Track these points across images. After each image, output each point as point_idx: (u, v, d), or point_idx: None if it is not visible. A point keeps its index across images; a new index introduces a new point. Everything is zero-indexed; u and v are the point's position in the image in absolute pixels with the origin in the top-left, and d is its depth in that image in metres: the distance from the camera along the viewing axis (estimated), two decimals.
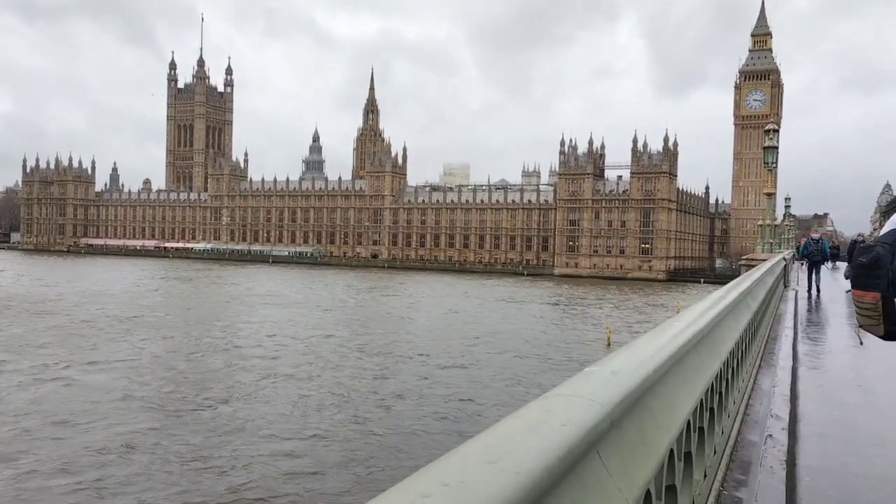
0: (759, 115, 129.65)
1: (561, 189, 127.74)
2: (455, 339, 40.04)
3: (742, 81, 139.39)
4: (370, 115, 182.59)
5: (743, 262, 23.62)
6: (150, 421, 21.93)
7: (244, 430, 21.14)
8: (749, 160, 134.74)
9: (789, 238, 52.17)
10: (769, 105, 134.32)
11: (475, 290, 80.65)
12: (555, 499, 1.22)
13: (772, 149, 23.55)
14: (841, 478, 4.34)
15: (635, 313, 59.63)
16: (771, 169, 24.51)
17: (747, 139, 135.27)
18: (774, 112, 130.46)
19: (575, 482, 1.34)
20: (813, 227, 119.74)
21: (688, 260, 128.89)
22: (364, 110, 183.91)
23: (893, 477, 4.41)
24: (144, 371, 29.27)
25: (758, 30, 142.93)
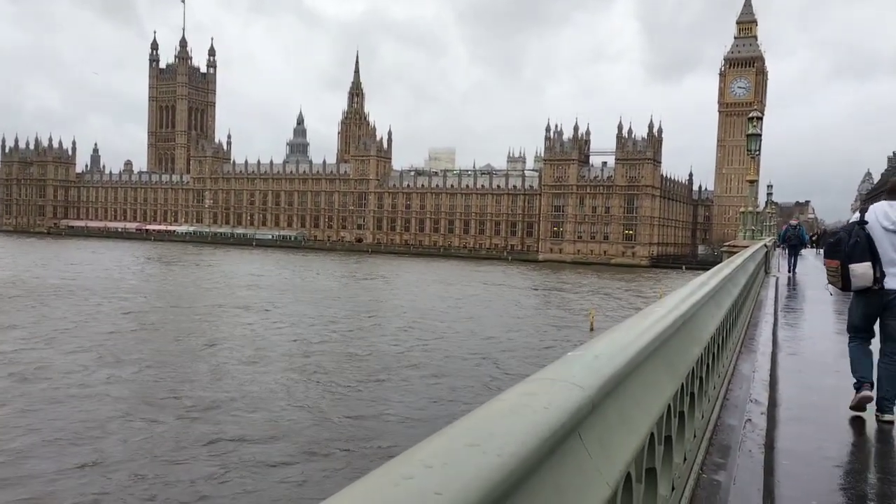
0: (743, 103, 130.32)
1: (546, 175, 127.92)
2: (440, 323, 40.15)
3: (727, 68, 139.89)
4: (355, 98, 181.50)
5: (725, 249, 23.81)
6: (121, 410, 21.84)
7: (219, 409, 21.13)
8: (733, 147, 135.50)
9: (771, 225, 52.63)
10: (753, 92, 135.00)
11: (460, 274, 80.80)
12: (537, 480, 1.24)
13: (755, 136, 23.66)
14: (818, 462, 4.42)
15: (618, 299, 60.06)
16: (754, 156, 24.64)
17: (731, 126, 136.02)
18: (758, 99, 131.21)
19: (556, 464, 1.35)
20: (795, 215, 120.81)
21: (671, 246, 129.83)
22: (349, 93, 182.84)
23: (865, 461, 4.49)
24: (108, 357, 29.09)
25: (743, 17, 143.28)
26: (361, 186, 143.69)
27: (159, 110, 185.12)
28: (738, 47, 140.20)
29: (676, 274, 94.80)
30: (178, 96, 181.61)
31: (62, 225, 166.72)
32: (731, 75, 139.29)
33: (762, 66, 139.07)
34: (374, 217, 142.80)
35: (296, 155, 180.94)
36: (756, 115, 23.98)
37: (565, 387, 1.60)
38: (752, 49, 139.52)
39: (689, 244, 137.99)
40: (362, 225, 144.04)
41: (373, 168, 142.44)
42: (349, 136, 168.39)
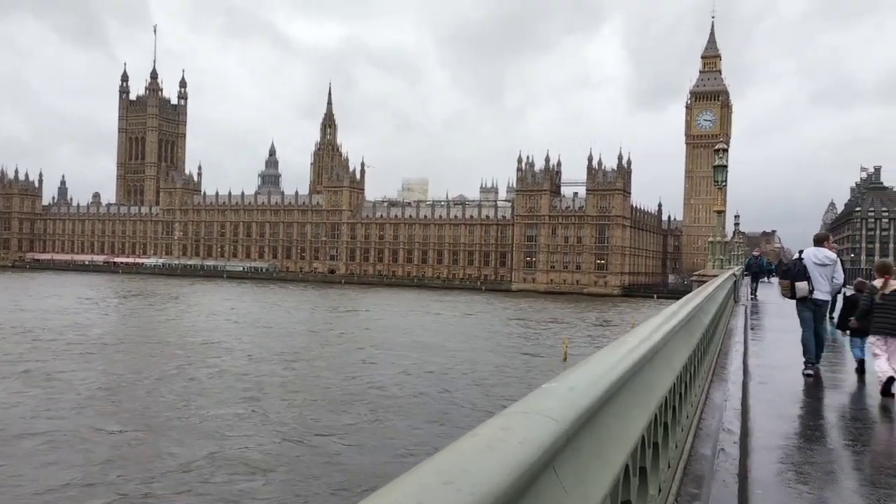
0: (709, 135, 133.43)
1: (518, 205, 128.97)
2: (411, 354, 39.87)
3: (693, 102, 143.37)
4: (328, 129, 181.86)
5: (694, 278, 24.14)
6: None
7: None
8: (700, 178, 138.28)
9: (739, 255, 53.49)
10: (719, 125, 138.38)
11: (433, 305, 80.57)
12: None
13: (721, 167, 24.16)
14: (791, 490, 4.43)
15: (591, 328, 60.31)
16: (721, 187, 25.15)
17: (698, 158, 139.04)
18: (724, 131, 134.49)
19: (531, 500, 1.33)
20: (761, 245, 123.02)
21: (642, 275, 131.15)
22: (322, 125, 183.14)
23: (837, 490, 4.51)
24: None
25: (707, 52, 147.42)
26: (334, 217, 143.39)
27: (129, 142, 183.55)
28: (704, 81, 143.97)
29: (648, 303, 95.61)
30: (148, 128, 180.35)
31: (27, 258, 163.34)
32: (696, 108, 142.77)
33: (727, 100, 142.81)
34: (346, 248, 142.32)
35: (268, 186, 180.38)
36: (722, 146, 24.51)
37: (540, 420, 1.58)
38: (716, 83, 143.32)
39: (660, 273, 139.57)
40: (335, 256, 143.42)
41: (345, 199, 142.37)
42: (321, 166, 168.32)
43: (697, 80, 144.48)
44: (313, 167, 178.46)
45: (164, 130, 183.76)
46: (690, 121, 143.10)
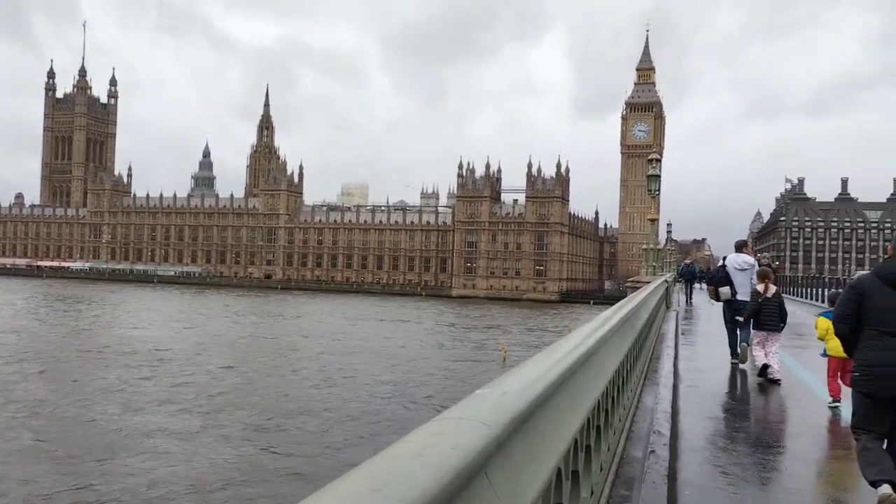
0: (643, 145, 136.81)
1: (459, 211, 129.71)
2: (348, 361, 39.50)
3: (628, 112, 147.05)
4: (265, 131, 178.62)
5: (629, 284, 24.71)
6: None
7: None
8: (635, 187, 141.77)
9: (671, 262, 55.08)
10: (653, 135, 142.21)
11: (372, 310, 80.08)
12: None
13: (654, 177, 24.86)
14: (717, 490, 4.58)
15: (530, 333, 61.04)
16: (654, 196, 25.88)
17: (633, 167, 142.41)
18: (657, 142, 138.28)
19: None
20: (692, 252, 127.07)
21: (579, 282, 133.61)
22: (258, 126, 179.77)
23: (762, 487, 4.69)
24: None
25: (642, 64, 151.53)
26: (271, 221, 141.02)
27: (55, 141, 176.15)
28: (639, 93, 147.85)
29: (585, 308, 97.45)
30: (75, 127, 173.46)
31: None
32: (632, 119, 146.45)
33: (660, 111, 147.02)
34: (284, 253, 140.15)
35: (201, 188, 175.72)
36: (655, 157, 25.23)
37: (473, 426, 1.58)
38: (650, 95, 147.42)
39: (597, 279, 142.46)
40: (272, 261, 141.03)
41: (283, 202, 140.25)
42: (258, 169, 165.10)
43: (633, 92, 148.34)
44: (249, 170, 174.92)
45: (93, 130, 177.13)
46: (626, 131, 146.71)
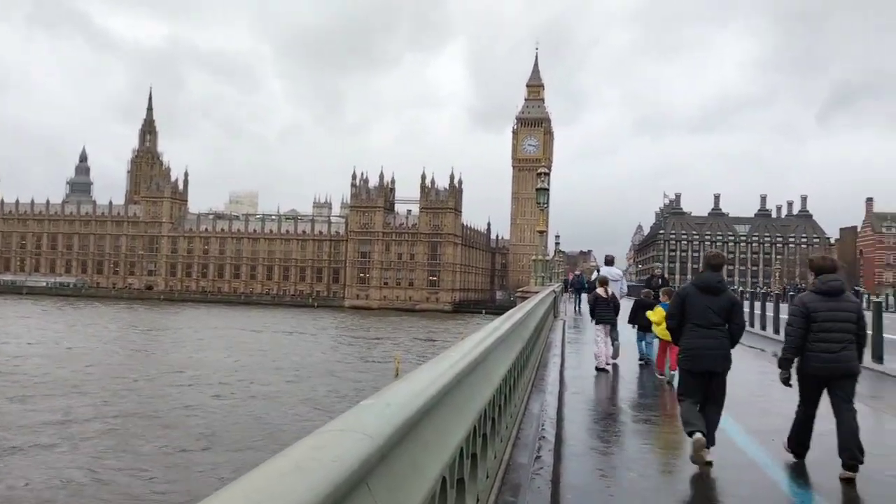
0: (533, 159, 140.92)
1: (352, 221, 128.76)
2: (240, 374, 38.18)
3: (519, 127, 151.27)
4: (148, 135, 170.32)
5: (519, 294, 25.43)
6: None
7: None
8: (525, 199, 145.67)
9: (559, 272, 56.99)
10: (542, 150, 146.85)
11: (260, 322, 77.84)
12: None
13: (543, 190, 25.67)
14: (597, 493, 4.77)
15: (423, 344, 61.27)
16: (543, 209, 26.73)
17: (523, 180, 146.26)
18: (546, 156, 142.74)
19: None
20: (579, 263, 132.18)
21: (472, 292, 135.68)
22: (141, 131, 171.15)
23: (641, 489, 4.93)
24: None
25: (532, 81, 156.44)
26: (153, 229, 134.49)
27: None
28: (528, 108, 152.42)
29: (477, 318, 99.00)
30: None
31: None
32: (522, 133, 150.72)
33: (549, 127, 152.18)
34: (166, 262, 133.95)
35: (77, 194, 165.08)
36: (544, 170, 26.07)
37: (354, 437, 1.58)
38: (540, 110, 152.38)
39: (489, 290, 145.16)
40: (153, 271, 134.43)
41: (166, 210, 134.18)
42: (140, 175, 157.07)
43: (523, 107, 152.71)
44: (131, 176, 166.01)
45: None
46: (517, 145, 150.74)
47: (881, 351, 11.69)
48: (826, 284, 5.58)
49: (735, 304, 5.93)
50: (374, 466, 1.58)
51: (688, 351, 5.72)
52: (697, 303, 5.75)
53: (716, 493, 5.00)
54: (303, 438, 1.55)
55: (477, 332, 4.69)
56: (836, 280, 5.64)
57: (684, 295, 5.92)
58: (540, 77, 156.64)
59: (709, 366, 5.63)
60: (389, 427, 1.76)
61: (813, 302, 5.55)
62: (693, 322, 5.71)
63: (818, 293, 5.59)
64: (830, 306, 5.50)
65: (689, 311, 5.75)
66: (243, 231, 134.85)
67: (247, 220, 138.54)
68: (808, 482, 5.21)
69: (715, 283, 5.84)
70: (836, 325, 5.45)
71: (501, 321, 5.94)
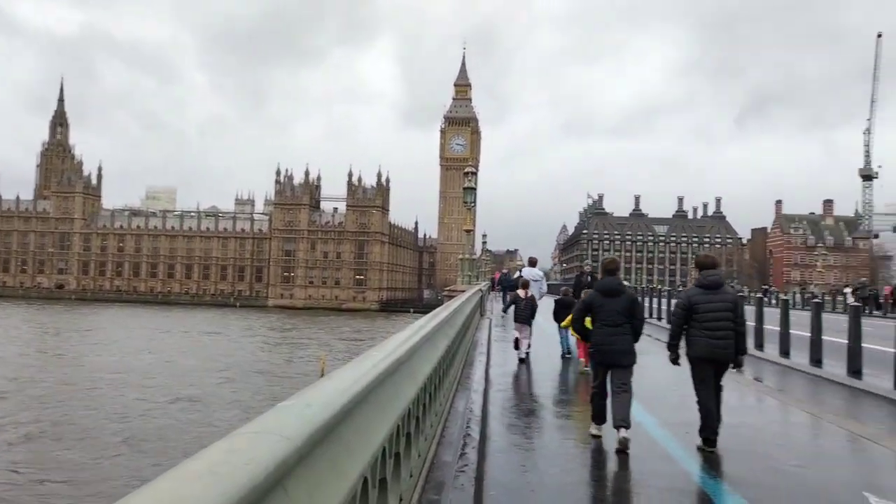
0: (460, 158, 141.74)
1: (276, 219, 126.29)
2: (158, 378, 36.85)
3: (447, 126, 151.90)
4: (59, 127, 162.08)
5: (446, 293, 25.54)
6: None
7: None
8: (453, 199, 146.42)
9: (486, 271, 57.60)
10: (469, 149, 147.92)
11: (178, 323, 75.42)
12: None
13: (470, 190, 25.92)
14: (520, 489, 4.83)
15: (349, 343, 60.73)
16: (470, 208, 26.96)
17: (451, 180, 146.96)
18: (474, 156, 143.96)
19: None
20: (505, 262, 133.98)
21: (399, 291, 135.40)
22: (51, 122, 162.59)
23: (562, 484, 5.02)
24: None
25: (459, 80, 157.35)
26: (64, 226, 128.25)
27: None
28: (456, 108, 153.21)
29: (404, 317, 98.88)
30: None
31: None
32: (450, 132, 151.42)
33: (476, 127, 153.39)
34: (78, 261, 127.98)
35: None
36: (471, 170, 26.34)
37: (272, 439, 1.54)
38: (467, 110, 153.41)
39: (416, 289, 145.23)
40: (64, 269, 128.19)
41: (78, 206, 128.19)
42: (51, 169, 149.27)
43: (451, 106, 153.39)
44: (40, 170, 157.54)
45: None
46: (445, 144, 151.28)
47: (762, 340, 13.81)
48: (707, 279, 6.29)
49: (634, 302, 6.58)
50: (292, 468, 1.54)
51: (597, 347, 6.43)
52: (602, 305, 6.42)
53: (632, 484, 5.14)
54: (216, 442, 1.49)
55: (402, 330, 4.67)
56: (715, 275, 6.36)
57: (589, 300, 6.66)
58: (467, 77, 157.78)
59: (616, 360, 6.31)
60: (309, 428, 1.72)
61: (696, 295, 6.26)
62: (601, 322, 6.40)
63: (700, 287, 6.31)
64: (710, 298, 6.19)
65: (596, 313, 6.46)
66: (161, 228, 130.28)
67: (164, 217, 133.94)
68: (718, 472, 5.43)
69: (615, 287, 6.52)
70: (715, 314, 6.12)
71: (427, 320, 5.94)
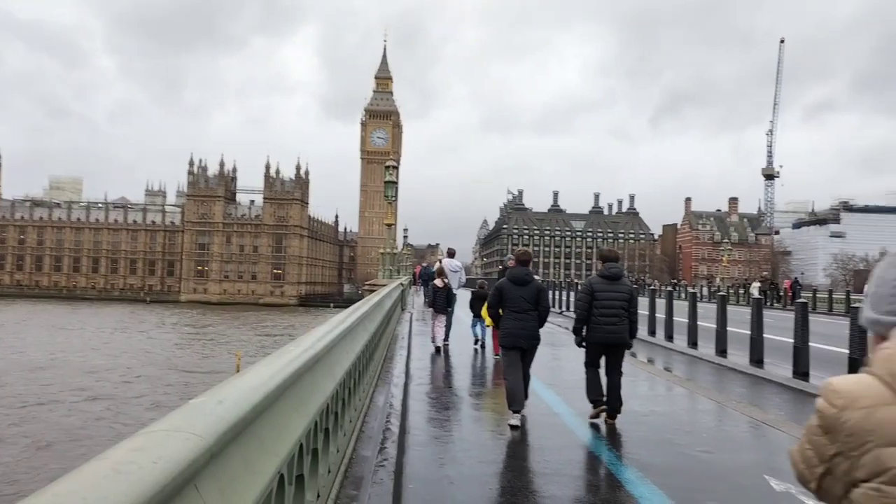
0: (382, 152, 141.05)
1: (189, 211, 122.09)
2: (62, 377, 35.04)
3: (368, 119, 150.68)
4: None
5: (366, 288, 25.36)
6: None
7: None
8: (374, 192, 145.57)
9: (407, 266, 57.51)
10: (391, 143, 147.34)
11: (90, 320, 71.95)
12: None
13: (391, 183, 25.84)
14: (438, 481, 4.87)
15: (266, 339, 59.50)
16: (391, 202, 26.88)
17: (372, 173, 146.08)
18: (395, 150, 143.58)
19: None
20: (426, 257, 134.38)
21: (319, 285, 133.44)
22: None
23: (479, 475, 5.09)
24: None
25: (381, 73, 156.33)
26: None
27: None
28: (377, 101, 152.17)
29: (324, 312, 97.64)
30: None
31: None
32: (371, 125, 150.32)
33: (398, 120, 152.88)
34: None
35: None
36: (392, 164, 26.24)
37: (181, 437, 1.50)
38: (389, 103, 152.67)
39: (337, 283, 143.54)
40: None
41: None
42: None
43: (372, 99, 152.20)
44: None
45: None
46: (365, 137, 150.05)
47: (671, 331, 14.88)
48: (608, 270, 6.95)
49: (541, 290, 7.09)
50: (203, 467, 1.51)
51: (505, 331, 6.96)
52: (512, 293, 6.95)
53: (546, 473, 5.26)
54: (123, 441, 1.44)
55: (321, 325, 4.62)
56: (615, 267, 7.01)
57: (501, 287, 7.08)
58: (388, 70, 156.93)
59: (523, 344, 6.85)
60: (221, 425, 1.68)
61: (597, 284, 6.92)
62: (510, 308, 6.93)
63: (602, 277, 6.96)
64: (609, 288, 6.86)
65: (506, 300, 6.96)
66: (65, 220, 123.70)
67: (69, 208, 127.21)
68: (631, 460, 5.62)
69: (524, 276, 7.04)
70: (612, 303, 6.79)
71: (346, 314, 5.90)
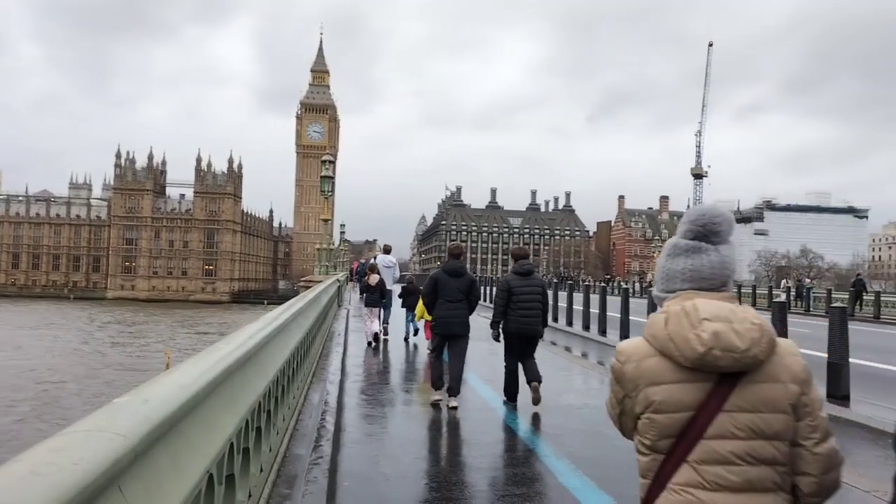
0: (318, 146, 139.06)
1: (116, 205, 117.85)
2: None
3: (303, 112, 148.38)
4: None
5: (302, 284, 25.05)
6: None
7: None
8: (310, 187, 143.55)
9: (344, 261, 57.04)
10: (328, 137, 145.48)
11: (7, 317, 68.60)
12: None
13: (328, 178, 25.57)
14: (373, 478, 4.87)
15: (197, 336, 58.05)
16: (327, 196, 26.62)
17: (308, 167, 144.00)
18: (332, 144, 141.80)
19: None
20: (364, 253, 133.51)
21: (252, 282, 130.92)
22: None
23: (414, 472, 5.12)
24: None
25: (317, 66, 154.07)
26: None
27: None
28: (313, 94, 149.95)
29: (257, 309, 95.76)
30: None
31: None
32: (307, 119, 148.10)
33: (335, 114, 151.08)
34: None
35: None
36: (328, 158, 25.94)
37: (104, 437, 1.46)
38: (325, 97, 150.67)
39: (271, 279, 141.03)
40: None
41: None
42: None
43: (307, 93, 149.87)
44: None
45: None
46: (301, 130, 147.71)
47: (605, 326, 15.54)
48: (521, 267, 7.48)
49: (473, 282, 7.64)
50: (127, 467, 1.47)
51: (439, 319, 7.51)
52: (446, 283, 7.46)
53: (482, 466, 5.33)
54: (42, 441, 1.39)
55: (253, 322, 4.54)
56: (528, 264, 7.58)
57: (436, 278, 7.58)
58: (325, 63, 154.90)
59: (454, 330, 7.40)
60: (146, 425, 1.64)
61: (513, 280, 7.43)
62: (444, 298, 7.43)
63: (516, 273, 7.46)
64: (524, 283, 7.38)
65: (441, 290, 7.46)
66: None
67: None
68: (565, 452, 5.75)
69: (458, 268, 7.59)
70: (527, 297, 7.32)
71: (281, 311, 5.82)
